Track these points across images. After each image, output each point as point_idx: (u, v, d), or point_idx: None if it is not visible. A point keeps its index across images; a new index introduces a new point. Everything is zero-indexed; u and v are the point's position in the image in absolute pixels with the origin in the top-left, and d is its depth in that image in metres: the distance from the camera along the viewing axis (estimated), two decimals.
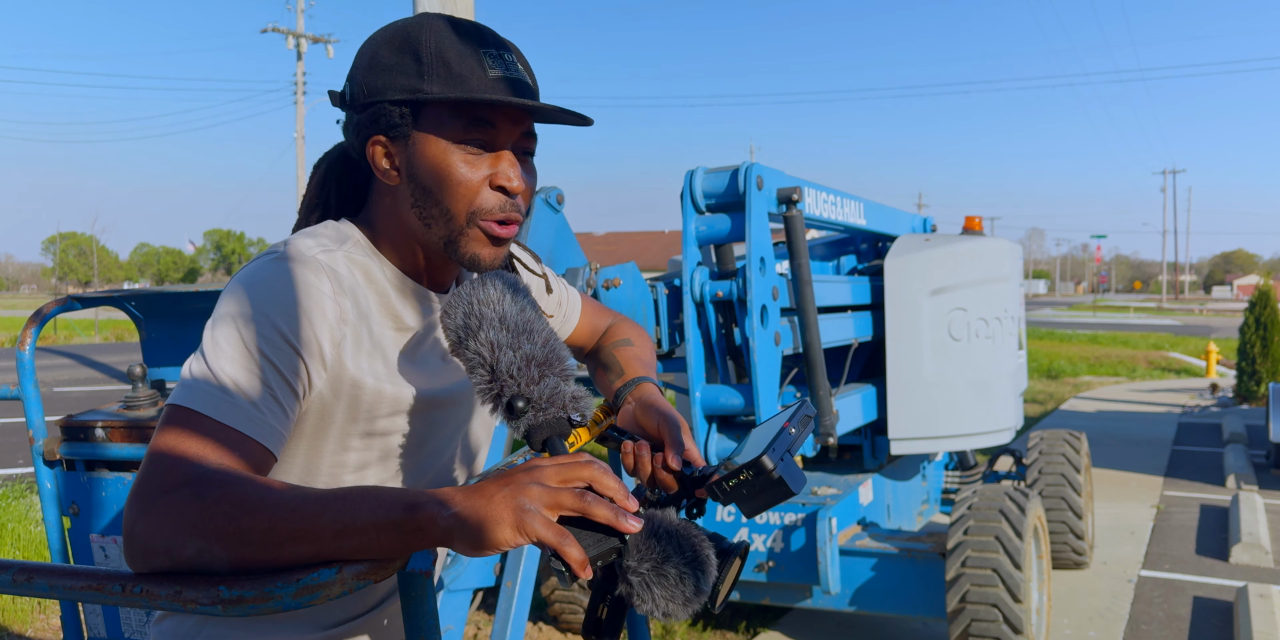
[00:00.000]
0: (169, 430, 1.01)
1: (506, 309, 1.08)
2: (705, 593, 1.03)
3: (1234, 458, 8.46)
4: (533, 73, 1.23)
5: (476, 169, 1.17)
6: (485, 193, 1.17)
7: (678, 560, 1.02)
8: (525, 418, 1.06)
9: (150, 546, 0.92)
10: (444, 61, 1.15)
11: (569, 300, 1.53)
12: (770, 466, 1.07)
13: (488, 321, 1.06)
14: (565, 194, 3.32)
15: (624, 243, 47.34)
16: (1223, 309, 56.85)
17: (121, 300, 2.80)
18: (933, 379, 4.35)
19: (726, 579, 1.10)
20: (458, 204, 1.17)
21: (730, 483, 1.09)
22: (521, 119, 1.19)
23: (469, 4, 6.56)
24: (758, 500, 1.10)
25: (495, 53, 1.17)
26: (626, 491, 0.99)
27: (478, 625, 4.58)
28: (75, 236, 78.42)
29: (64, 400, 12.06)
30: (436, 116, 1.16)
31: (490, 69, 1.16)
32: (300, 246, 1.15)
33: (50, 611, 4.71)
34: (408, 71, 1.16)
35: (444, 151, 1.16)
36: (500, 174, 1.17)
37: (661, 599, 1.01)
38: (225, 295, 1.11)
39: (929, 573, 3.80)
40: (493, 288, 1.10)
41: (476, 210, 1.17)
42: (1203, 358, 17.97)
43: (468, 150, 1.16)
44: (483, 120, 1.16)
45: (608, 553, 0.96)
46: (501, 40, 1.20)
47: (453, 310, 1.09)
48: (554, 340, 1.10)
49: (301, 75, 34.67)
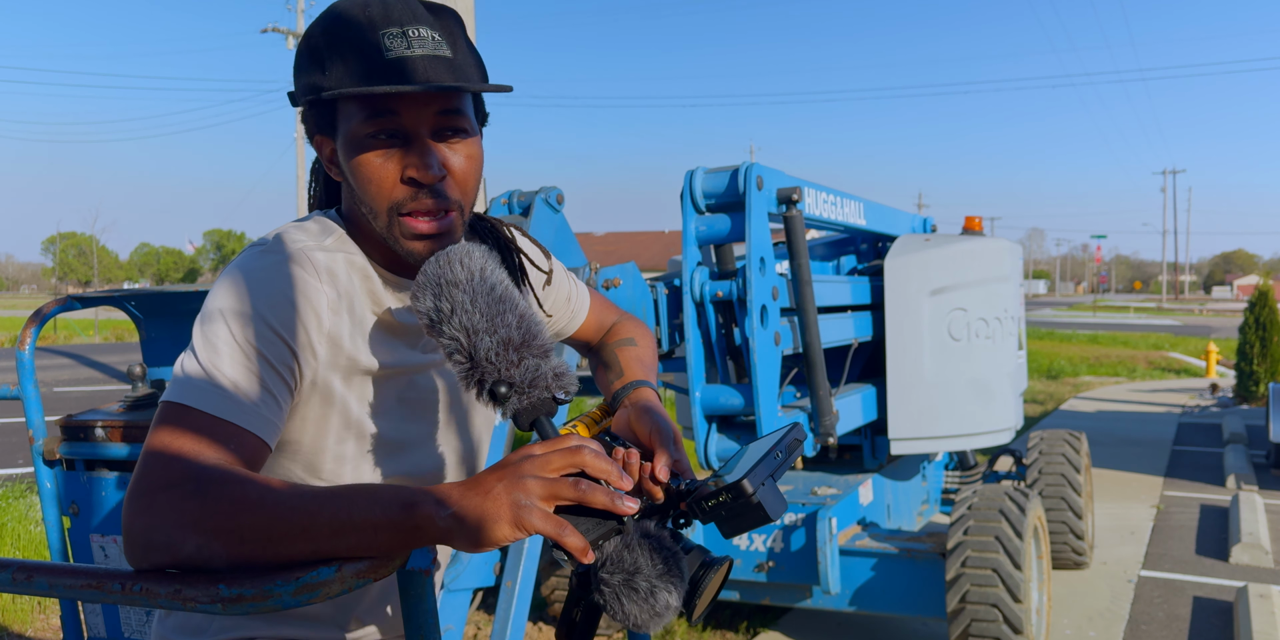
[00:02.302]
0: (164, 427, 1.02)
1: (476, 288, 1.04)
2: (675, 607, 1.03)
3: (1234, 458, 8.46)
4: (459, 40, 1.16)
5: (386, 161, 1.12)
6: (398, 187, 1.12)
7: (648, 573, 1.01)
8: (510, 403, 1.04)
9: (150, 543, 0.93)
10: (338, 53, 1.11)
11: (578, 295, 1.51)
12: (750, 492, 1.07)
13: (459, 305, 1.03)
14: (565, 194, 3.32)
15: (624, 243, 47.33)
16: (1223, 309, 56.84)
17: (121, 300, 2.80)
18: (933, 379, 4.35)
19: (704, 592, 1.10)
20: (377, 201, 1.13)
21: (709, 503, 1.09)
22: (430, 99, 1.11)
23: (469, 3, 6.56)
24: (736, 522, 1.09)
25: (398, 31, 1.10)
26: (619, 471, 0.99)
27: (478, 625, 4.58)
28: (75, 236, 78.45)
29: (64, 400, 12.05)
30: (345, 111, 1.13)
31: (388, 51, 1.09)
32: (287, 239, 1.15)
33: (50, 611, 4.71)
34: (312, 69, 1.13)
35: (357, 148, 1.12)
36: (409, 165, 1.12)
37: (631, 611, 1.01)
38: (215, 290, 1.11)
39: (929, 573, 3.80)
40: (459, 265, 1.05)
41: (393, 206, 1.13)
42: (1203, 358, 17.96)
43: (379, 143, 1.12)
44: (383, 110, 1.10)
45: (608, 532, 0.97)
46: (414, 14, 1.12)
47: (422, 292, 1.05)
48: (529, 316, 1.06)
49: None
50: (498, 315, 1.03)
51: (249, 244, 1.18)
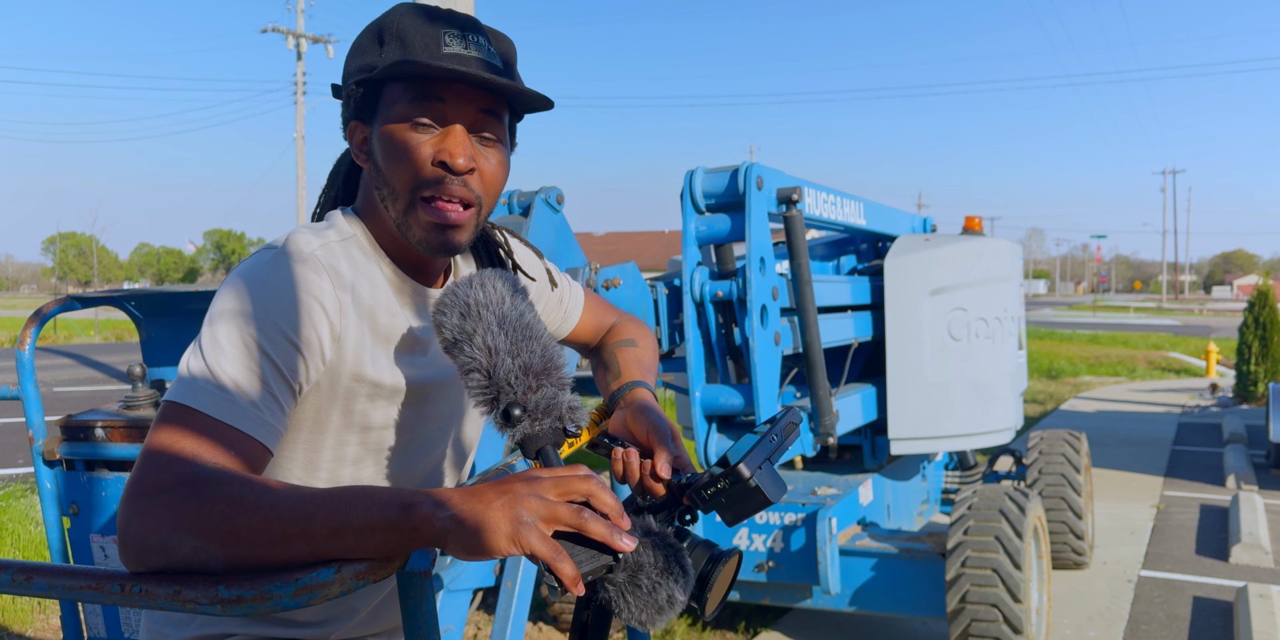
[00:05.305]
0: (165, 427, 1.01)
1: (506, 312, 1.06)
2: (681, 602, 1.02)
3: (1234, 458, 8.46)
4: (509, 57, 1.22)
5: (422, 144, 1.15)
6: (427, 167, 1.15)
7: (650, 570, 1.01)
8: (521, 426, 1.05)
9: (146, 545, 0.92)
10: (401, 39, 1.16)
11: (571, 296, 1.52)
12: (747, 475, 1.06)
13: (485, 324, 1.05)
14: (565, 194, 3.32)
15: (624, 243, 47.32)
16: (1223, 309, 56.83)
17: (121, 300, 2.80)
18: (933, 379, 4.35)
19: (716, 586, 1.08)
20: (400, 180, 1.16)
21: (709, 491, 1.08)
22: (475, 96, 1.16)
23: (469, 3, 6.57)
24: (737, 508, 1.08)
25: (459, 33, 1.16)
26: (622, 509, 0.99)
27: (478, 625, 4.58)
28: (75, 236, 78.40)
29: (64, 400, 12.05)
30: (392, 93, 1.17)
31: (446, 46, 1.15)
32: (299, 242, 1.15)
33: (50, 611, 4.71)
34: (370, 52, 1.18)
35: (396, 128, 1.16)
36: (444, 150, 1.15)
37: (635, 608, 1.00)
38: (224, 291, 1.11)
39: (929, 573, 3.80)
40: (491, 288, 1.08)
41: (417, 185, 1.15)
42: (1203, 358, 17.96)
43: (417, 125, 1.15)
44: (430, 94, 1.14)
45: (599, 569, 0.96)
46: (474, 24, 1.19)
47: (448, 309, 1.07)
48: (552, 347, 1.08)
49: (301, 75, 34.66)
50: (522, 341, 1.05)
51: (261, 246, 1.19)
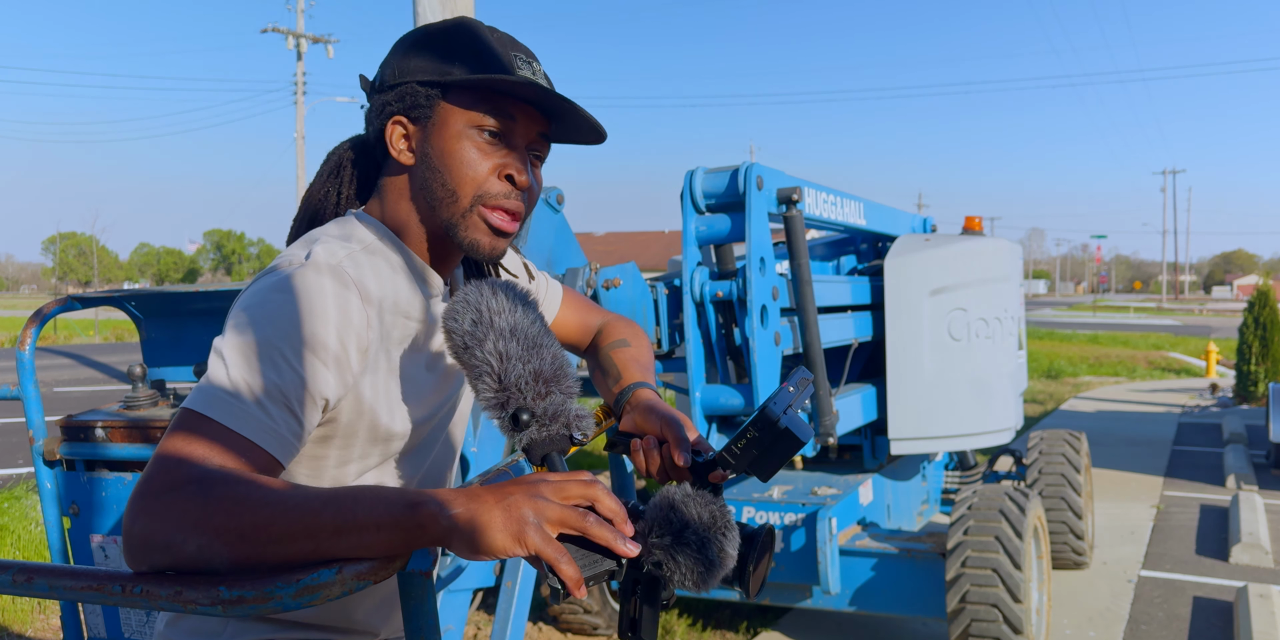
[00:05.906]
0: (178, 433, 1.01)
1: (518, 320, 1.08)
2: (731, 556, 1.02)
3: (1234, 458, 8.46)
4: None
5: (488, 156, 1.20)
6: (492, 179, 1.20)
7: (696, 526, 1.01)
8: (529, 431, 1.06)
9: (150, 543, 0.92)
10: (475, 52, 1.20)
11: (548, 291, 1.54)
12: (775, 417, 1.07)
13: (498, 331, 1.06)
14: (565, 194, 3.32)
15: (624, 243, 47.32)
16: (1223, 309, 56.83)
17: (121, 300, 2.80)
18: (933, 379, 4.35)
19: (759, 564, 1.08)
20: (464, 186, 1.20)
21: (739, 445, 1.09)
22: (539, 120, 1.23)
23: (469, 4, 6.55)
24: (769, 458, 1.09)
25: (525, 59, 1.22)
26: (625, 515, 1.00)
27: (478, 625, 4.58)
28: (75, 236, 78.34)
29: (64, 400, 12.05)
30: (460, 101, 1.20)
31: (520, 69, 1.20)
32: (323, 255, 1.15)
33: (50, 611, 4.71)
34: (439, 57, 1.21)
35: (461, 135, 1.20)
36: (510, 165, 1.21)
37: (686, 567, 1.00)
38: (250, 304, 1.10)
39: (929, 573, 3.80)
40: (504, 297, 1.10)
41: (482, 194, 1.20)
42: (1203, 358, 17.96)
43: (484, 138, 1.20)
44: (504, 111, 1.20)
45: (601, 574, 0.96)
46: (532, 53, 1.25)
47: (460, 315, 1.07)
48: (562, 357, 1.10)
49: (301, 75, 34.66)
50: (534, 348, 1.07)
51: (282, 253, 1.19)
